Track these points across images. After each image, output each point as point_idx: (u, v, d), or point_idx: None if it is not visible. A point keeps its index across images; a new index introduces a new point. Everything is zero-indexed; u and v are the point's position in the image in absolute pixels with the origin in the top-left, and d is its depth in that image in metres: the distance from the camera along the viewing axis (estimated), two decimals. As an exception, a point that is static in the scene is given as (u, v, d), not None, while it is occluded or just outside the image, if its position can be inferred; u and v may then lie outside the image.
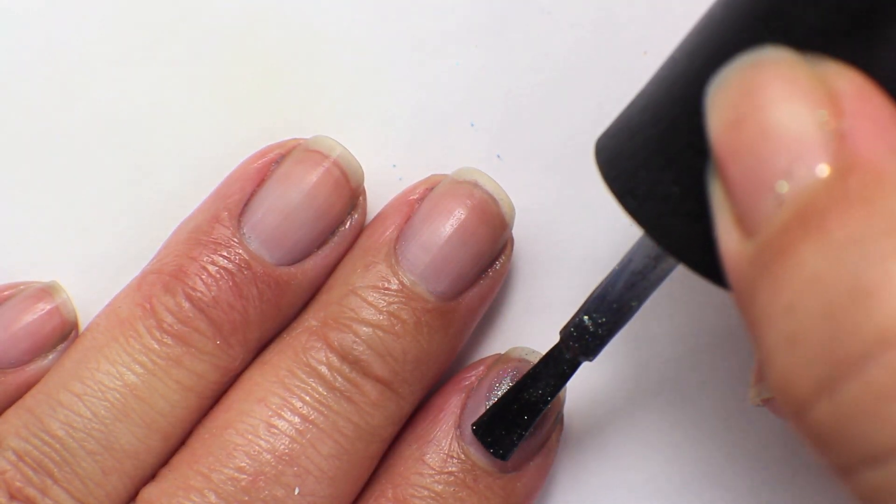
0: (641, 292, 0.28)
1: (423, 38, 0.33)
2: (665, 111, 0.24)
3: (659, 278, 0.27)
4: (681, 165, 0.23)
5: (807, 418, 0.20)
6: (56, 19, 0.33)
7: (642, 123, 0.24)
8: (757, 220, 0.21)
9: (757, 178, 0.21)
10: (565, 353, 0.29)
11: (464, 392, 0.31)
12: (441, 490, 0.30)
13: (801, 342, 0.20)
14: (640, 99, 0.25)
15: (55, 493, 0.29)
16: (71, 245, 0.33)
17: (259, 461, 0.29)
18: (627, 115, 0.25)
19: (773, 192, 0.21)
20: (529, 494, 0.31)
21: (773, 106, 0.21)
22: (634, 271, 0.27)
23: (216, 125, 0.33)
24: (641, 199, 0.24)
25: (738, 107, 0.21)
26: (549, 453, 0.32)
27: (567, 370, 0.29)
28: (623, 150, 0.24)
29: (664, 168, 0.23)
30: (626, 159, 0.24)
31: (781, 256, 0.20)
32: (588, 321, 0.28)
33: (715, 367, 0.33)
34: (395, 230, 0.31)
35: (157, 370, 0.30)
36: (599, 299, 0.28)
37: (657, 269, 0.27)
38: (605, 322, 0.28)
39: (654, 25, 0.32)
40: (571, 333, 0.28)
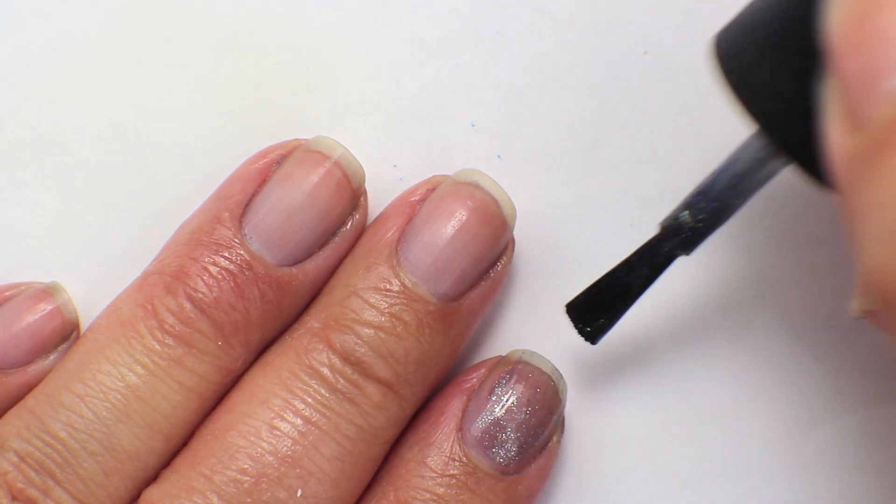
0: (745, 191, 0.28)
1: (423, 38, 0.32)
2: (787, 7, 0.24)
3: (763, 179, 0.27)
4: (798, 63, 0.23)
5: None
6: (57, 20, 0.33)
7: (763, 19, 0.25)
8: (866, 114, 0.21)
9: (871, 74, 0.21)
10: (663, 245, 0.29)
11: (465, 394, 0.31)
12: (443, 493, 0.30)
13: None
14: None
15: (57, 495, 0.29)
16: (72, 245, 0.33)
17: (261, 463, 0.29)
18: (748, 11, 0.25)
19: (884, 88, 0.21)
20: (530, 496, 0.31)
21: (891, 7, 0.21)
22: (739, 170, 0.27)
23: (217, 125, 0.33)
24: (757, 94, 0.24)
25: (859, 4, 0.21)
26: (551, 456, 0.31)
27: (663, 262, 0.29)
28: (742, 44, 0.25)
29: (782, 64, 0.24)
30: (744, 53, 0.25)
31: (886, 150, 0.20)
32: (688, 215, 0.28)
33: (715, 367, 0.33)
34: (397, 231, 0.31)
35: (158, 371, 0.30)
36: (701, 195, 0.28)
37: (762, 171, 0.27)
38: (705, 218, 0.28)
39: (654, 25, 0.32)
40: (671, 227, 0.29)
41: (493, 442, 0.31)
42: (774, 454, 0.32)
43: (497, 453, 0.30)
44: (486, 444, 0.31)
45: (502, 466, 0.30)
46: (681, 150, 0.32)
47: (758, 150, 0.27)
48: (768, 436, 0.32)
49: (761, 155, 0.27)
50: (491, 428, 0.31)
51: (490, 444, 0.31)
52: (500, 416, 0.31)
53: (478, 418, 0.31)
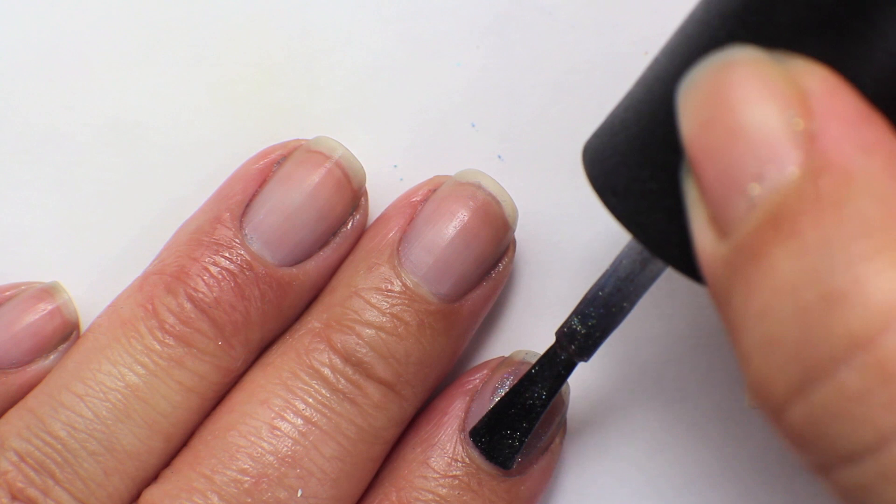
0: (632, 294, 0.27)
1: (424, 38, 0.32)
2: (644, 109, 0.24)
3: (648, 280, 0.27)
4: (659, 162, 0.23)
5: (783, 419, 0.20)
6: (57, 20, 0.33)
7: (624, 122, 0.24)
8: (730, 221, 0.21)
9: (729, 179, 0.21)
10: (560, 354, 0.29)
11: (468, 395, 0.31)
12: (445, 493, 0.30)
13: (775, 346, 0.20)
14: (625, 99, 0.25)
15: (57, 494, 0.29)
16: (73, 245, 0.33)
17: (262, 463, 0.29)
18: (612, 115, 0.25)
19: (745, 194, 0.20)
20: (533, 497, 0.31)
21: (743, 106, 0.21)
22: (624, 273, 0.27)
23: (218, 126, 0.33)
24: (621, 196, 0.24)
25: (708, 107, 0.21)
26: (553, 456, 0.31)
27: (563, 371, 0.29)
28: (605, 149, 0.24)
29: (643, 165, 0.23)
30: (607, 157, 0.24)
31: (754, 260, 0.20)
32: (580, 323, 0.28)
33: (715, 367, 0.32)
34: (398, 232, 0.31)
35: (158, 371, 0.30)
36: (591, 301, 0.28)
37: (646, 271, 0.27)
38: (598, 323, 0.28)
39: (654, 25, 0.32)
40: (565, 334, 0.28)
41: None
42: (774, 454, 0.32)
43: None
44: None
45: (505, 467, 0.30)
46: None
47: (637, 253, 0.27)
48: (768, 436, 0.32)
49: (641, 257, 0.27)
50: None
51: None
52: None
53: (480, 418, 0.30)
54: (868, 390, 0.19)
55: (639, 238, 0.24)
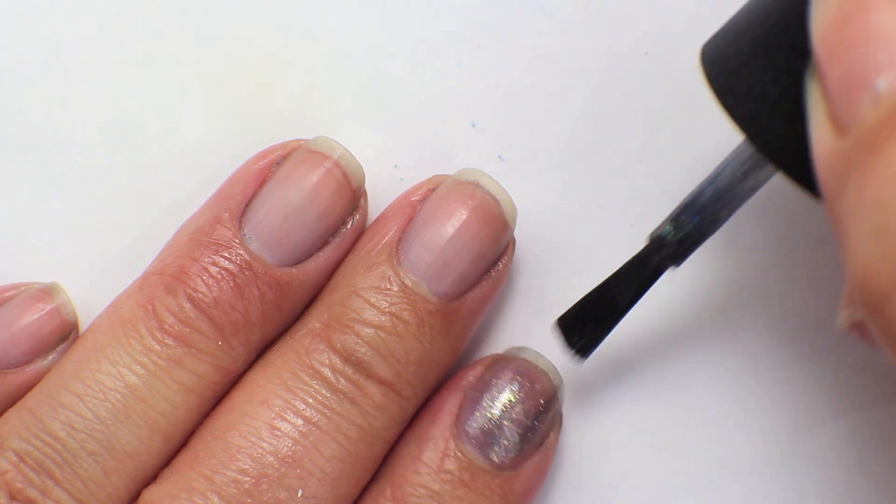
0: (729, 203, 0.27)
1: (424, 38, 0.32)
2: (772, 12, 0.24)
3: (748, 192, 0.27)
4: (782, 65, 0.23)
5: (885, 312, 0.20)
6: (57, 20, 0.32)
7: (748, 24, 0.24)
8: (852, 117, 0.21)
9: (855, 76, 0.21)
10: (651, 258, 0.28)
11: (461, 392, 0.31)
12: (438, 489, 0.30)
13: (886, 236, 0.20)
14: (748, 3, 0.25)
15: (56, 494, 0.29)
16: (72, 246, 0.33)
17: (262, 463, 0.29)
18: (734, 18, 0.25)
19: (869, 91, 0.21)
20: (527, 493, 0.31)
21: (875, 8, 0.21)
22: (724, 182, 0.27)
23: (217, 126, 0.32)
24: (741, 98, 0.24)
25: (843, 6, 0.21)
26: (548, 452, 0.31)
27: (651, 276, 0.29)
28: (727, 50, 0.25)
29: (766, 67, 0.24)
30: (728, 58, 0.24)
31: (873, 153, 0.20)
32: (674, 228, 0.28)
33: (715, 367, 0.32)
34: (398, 231, 0.30)
35: (158, 371, 0.30)
36: (687, 207, 0.28)
37: (747, 182, 0.27)
38: (693, 229, 0.28)
39: (654, 25, 0.32)
40: (658, 238, 0.28)
41: (488, 438, 0.30)
42: (774, 454, 0.32)
43: (493, 449, 0.30)
44: (481, 440, 0.30)
45: (498, 462, 0.30)
46: (681, 151, 0.32)
47: (744, 161, 0.27)
48: (768, 436, 0.32)
49: (747, 165, 0.27)
50: (487, 424, 0.30)
51: (486, 440, 0.30)
52: (495, 412, 0.30)
53: (473, 414, 0.30)
54: None
55: (755, 140, 0.24)
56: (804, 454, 0.32)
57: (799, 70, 0.23)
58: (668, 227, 0.28)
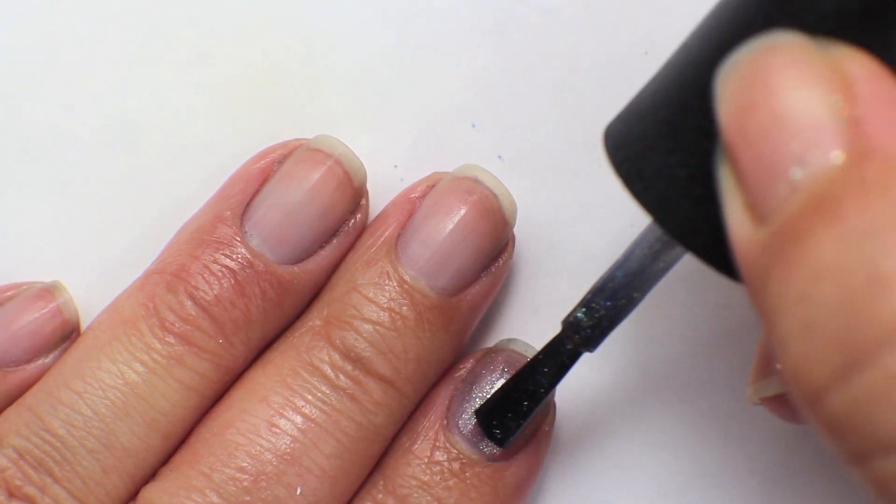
0: (641, 286, 0.27)
1: (424, 38, 0.32)
2: (675, 94, 0.23)
3: (660, 272, 0.26)
4: (689, 148, 0.22)
5: (821, 406, 0.20)
6: (57, 20, 0.32)
7: (652, 106, 0.24)
8: (770, 206, 0.20)
9: (769, 164, 0.20)
10: (566, 343, 0.28)
11: (451, 384, 0.31)
12: (428, 479, 0.30)
13: (816, 330, 0.19)
14: (652, 83, 0.24)
15: (55, 492, 0.29)
16: (73, 245, 0.33)
17: (261, 461, 0.29)
18: (637, 99, 0.25)
19: (786, 179, 0.20)
20: (520, 485, 0.31)
21: (786, 91, 0.20)
22: (635, 264, 0.26)
23: (219, 125, 0.32)
24: (648, 182, 0.23)
25: (749, 92, 0.20)
26: (540, 443, 0.31)
27: (567, 361, 0.29)
28: (631, 133, 0.24)
29: (672, 151, 0.23)
30: (634, 142, 0.24)
31: (795, 243, 0.20)
32: (587, 313, 0.27)
33: (715, 367, 0.32)
34: (397, 228, 0.30)
35: (158, 369, 0.29)
36: (598, 291, 0.27)
37: (660, 261, 0.26)
38: (606, 314, 0.27)
39: (654, 25, 0.32)
40: (571, 324, 0.28)
41: (478, 429, 0.30)
42: (774, 454, 0.32)
43: (483, 441, 0.30)
44: (471, 431, 0.30)
45: (488, 454, 0.30)
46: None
47: (653, 242, 0.26)
48: (768, 436, 0.32)
49: (657, 247, 0.26)
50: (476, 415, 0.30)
51: (475, 431, 0.30)
52: None
53: (463, 406, 0.30)
54: None
55: (665, 226, 0.23)
56: (804, 454, 0.32)
57: (707, 152, 0.22)
58: (580, 312, 0.28)
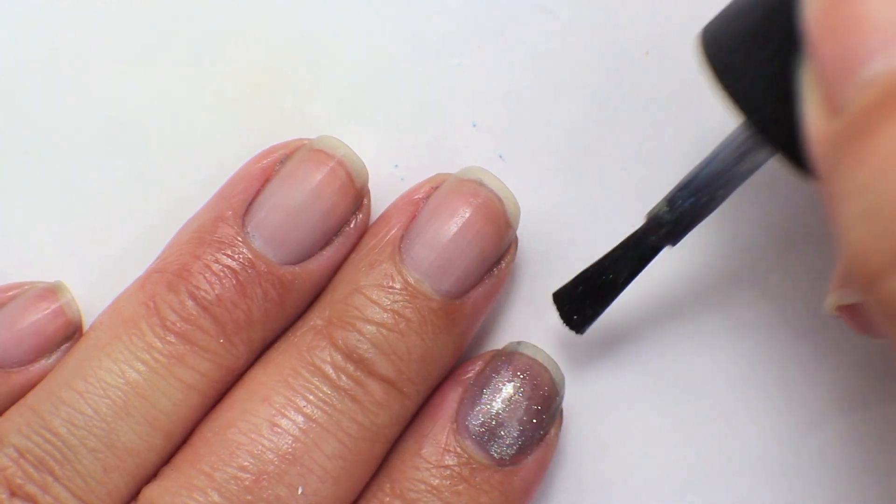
0: (726, 185, 0.27)
1: (424, 38, 0.32)
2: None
3: (745, 173, 0.27)
4: (778, 46, 0.23)
5: (878, 290, 0.20)
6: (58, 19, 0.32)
7: (745, 8, 0.25)
8: (844, 99, 0.21)
9: (847, 59, 0.21)
10: (647, 237, 0.28)
11: (461, 387, 0.30)
12: (437, 484, 0.29)
13: (878, 216, 0.20)
14: None
15: (56, 491, 0.29)
16: (76, 245, 0.32)
17: (262, 460, 0.28)
18: (731, 4, 0.25)
19: (861, 73, 0.21)
20: (527, 489, 0.31)
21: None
22: (720, 164, 0.27)
23: (220, 125, 0.32)
24: (737, 77, 0.24)
25: None
26: (548, 448, 0.31)
27: (648, 254, 0.29)
28: (726, 31, 0.25)
29: (762, 47, 0.24)
30: (727, 39, 0.25)
31: (865, 135, 0.20)
32: (669, 208, 0.28)
33: (715, 367, 0.32)
34: (400, 229, 0.30)
35: (159, 368, 0.29)
36: (684, 187, 0.28)
37: (743, 164, 0.27)
38: (689, 210, 0.28)
39: (655, 25, 0.32)
40: (654, 218, 0.28)
41: (488, 433, 0.30)
42: (774, 454, 0.32)
43: (493, 444, 0.30)
44: (481, 435, 0.30)
45: (498, 458, 0.30)
46: (681, 150, 0.32)
47: (741, 142, 0.27)
48: (768, 436, 0.32)
49: (744, 147, 0.27)
50: (486, 419, 0.30)
51: (486, 435, 0.30)
52: (495, 407, 0.30)
53: (473, 410, 0.30)
54: None
55: (750, 119, 0.24)
56: (804, 454, 0.32)
57: (793, 51, 0.23)
58: (663, 206, 0.28)
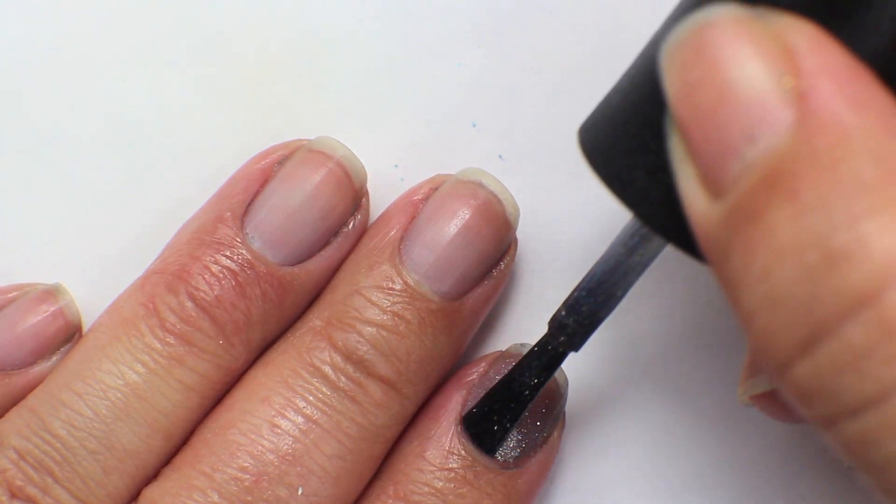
0: (621, 280, 0.27)
1: (424, 38, 0.32)
2: (631, 84, 0.23)
3: (639, 265, 0.26)
4: (648, 137, 0.22)
5: (789, 375, 0.20)
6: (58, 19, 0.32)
7: (613, 101, 0.24)
8: (724, 182, 0.20)
9: (720, 141, 0.20)
10: (550, 344, 0.28)
11: (464, 389, 0.30)
12: (441, 486, 0.29)
13: (780, 304, 0.20)
14: (617, 82, 0.24)
15: (56, 493, 0.28)
16: (75, 247, 0.32)
17: (262, 461, 0.28)
18: (605, 98, 0.25)
19: (738, 155, 0.20)
20: (531, 491, 0.30)
21: (729, 67, 0.20)
22: (614, 257, 0.26)
23: (219, 126, 0.32)
24: (615, 176, 0.23)
25: (692, 68, 0.20)
26: (551, 450, 0.30)
27: (553, 361, 0.28)
28: (597, 130, 0.24)
29: (632, 141, 0.23)
30: (600, 138, 0.24)
31: (752, 221, 0.20)
32: (569, 313, 0.27)
33: (715, 367, 0.32)
34: (400, 230, 0.30)
35: (159, 369, 0.29)
36: (582, 289, 0.27)
37: (636, 254, 0.26)
38: (588, 313, 0.27)
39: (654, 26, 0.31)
40: (555, 325, 0.28)
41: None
42: (774, 454, 0.32)
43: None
44: None
45: (502, 461, 0.30)
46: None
47: (628, 237, 0.26)
48: (768, 436, 0.32)
49: (632, 242, 0.26)
50: None
51: None
52: None
53: None
54: (872, 345, 0.19)
55: (636, 214, 0.23)
56: (804, 454, 0.32)
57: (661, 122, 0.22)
58: (563, 312, 0.27)
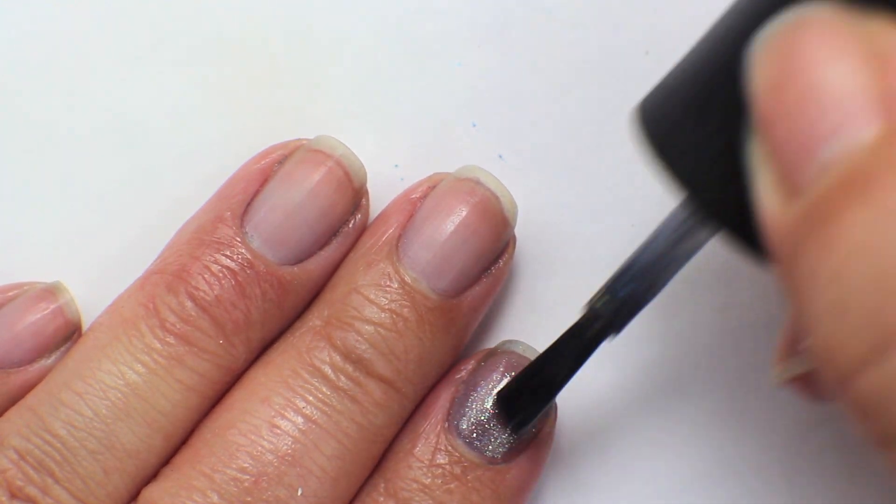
0: (667, 268, 0.26)
1: (424, 38, 0.32)
2: (708, 68, 0.22)
3: (686, 254, 0.26)
4: (720, 123, 0.22)
5: (852, 387, 0.19)
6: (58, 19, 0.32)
7: (685, 81, 0.23)
8: (801, 182, 0.20)
9: (802, 140, 0.20)
10: (588, 329, 0.27)
11: (453, 386, 0.30)
12: (430, 482, 0.29)
13: (850, 310, 0.19)
14: (686, 59, 0.24)
15: (56, 493, 0.28)
16: (75, 246, 0.32)
17: (262, 461, 0.28)
18: (671, 75, 0.24)
19: (818, 156, 0.19)
20: (521, 487, 0.30)
21: (818, 67, 0.19)
22: (661, 245, 0.26)
23: (219, 126, 0.32)
24: (678, 155, 0.22)
25: (783, 67, 0.20)
26: (543, 446, 0.30)
27: (589, 347, 0.28)
28: (664, 107, 0.23)
29: (703, 125, 0.22)
30: (666, 115, 0.23)
31: (828, 222, 0.19)
32: (611, 297, 0.27)
33: (715, 367, 0.32)
34: (398, 228, 0.30)
35: (158, 369, 0.29)
36: (623, 274, 0.26)
37: (685, 244, 0.25)
38: (629, 299, 0.26)
39: (655, 25, 0.31)
40: (594, 309, 0.27)
41: (479, 432, 0.30)
42: (774, 454, 0.31)
43: (483, 443, 0.29)
44: (472, 434, 0.30)
45: (489, 456, 0.29)
46: (681, 150, 0.31)
47: (678, 225, 0.25)
48: (768, 436, 0.31)
49: (682, 230, 0.25)
50: (477, 418, 0.30)
51: (477, 434, 0.30)
52: (486, 406, 0.30)
53: (464, 408, 0.30)
54: None
55: (697, 197, 0.22)
56: (804, 454, 0.31)
57: (737, 127, 0.21)
58: (602, 296, 0.27)
